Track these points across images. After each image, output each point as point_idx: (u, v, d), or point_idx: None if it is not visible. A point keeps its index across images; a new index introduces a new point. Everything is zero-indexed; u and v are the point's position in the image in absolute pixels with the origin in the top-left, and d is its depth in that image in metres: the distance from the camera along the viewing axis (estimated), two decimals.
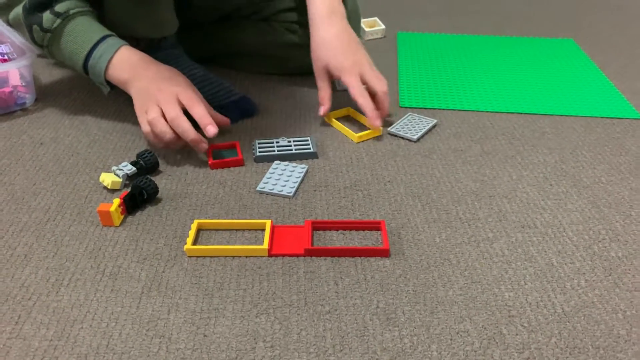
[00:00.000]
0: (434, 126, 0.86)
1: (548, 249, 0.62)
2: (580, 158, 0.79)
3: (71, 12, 0.76)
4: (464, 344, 0.51)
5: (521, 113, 0.91)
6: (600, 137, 0.84)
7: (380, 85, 0.81)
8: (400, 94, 0.96)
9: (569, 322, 0.53)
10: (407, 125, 0.86)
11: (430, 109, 0.92)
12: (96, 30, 0.77)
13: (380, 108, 0.82)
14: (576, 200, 0.70)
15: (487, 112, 0.91)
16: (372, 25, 1.24)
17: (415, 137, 0.82)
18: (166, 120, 0.72)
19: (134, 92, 0.76)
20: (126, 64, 0.76)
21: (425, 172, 0.75)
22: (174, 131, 0.72)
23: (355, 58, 0.80)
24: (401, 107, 0.92)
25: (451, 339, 0.51)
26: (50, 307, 0.54)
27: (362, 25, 1.22)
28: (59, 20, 0.75)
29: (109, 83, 0.78)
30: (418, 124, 0.86)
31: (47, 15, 0.75)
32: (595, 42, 1.20)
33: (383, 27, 1.23)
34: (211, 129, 0.72)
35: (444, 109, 0.92)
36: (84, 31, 0.77)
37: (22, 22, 0.77)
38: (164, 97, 0.72)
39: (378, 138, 0.83)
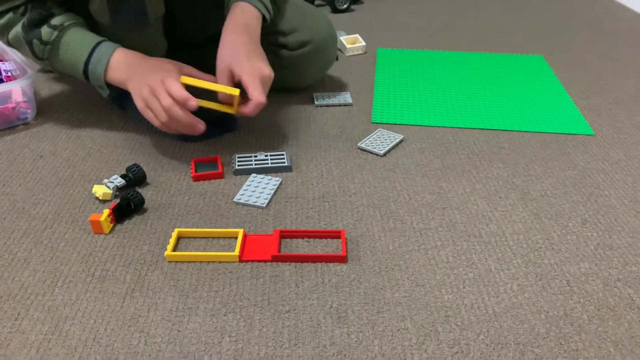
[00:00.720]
0: (400, 141, 0.94)
1: (489, 257, 0.70)
2: (531, 172, 0.86)
3: (66, 24, 0.84)
4: (403, 340, 0.58)
5: (483, 129, 0.98)
6: (552, 153, 0.91)
7: (261, 97, 0.82)
8: (374, 110, 1.04)
9: (497, 321, 0.61)
10: (376, 140, 0.93)
11: (400, 124, 1.00)
12: (90, 37, 0.85)
13: (248, 111, 0.82)
14: (521, 212, 0.78)
15: (452, 127, 0.99)
16: (354, 42, 1.32)
17: (382, 152, 0.90)
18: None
19: (131, 88, 0.82)
20: (123, 65, 0.84)
21: (388, 185, 0.83)
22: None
23: (258, 65, 0.83)
24: (373, 122, 1.00)
25: (392, 335, 0.59)
26: (45, 306, 0.62)
27: (344, 41, 1.30)
28: (56, 33, 0.83)
29: (109, 86, 0.86)
30: (386, 140, 0.93)
31: (45, 29, 0.83)
32: (564, 59, 1.27)
33: (364, 43, 1.30)
34: (192, 103, 0.78)
35: (412, 125, 1.00)
36: (79, 40, 0.85)
37: (22, 39, 0.85)
38: (156, 89, 0.78)
39: (349, 153, 0.90)
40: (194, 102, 0.78)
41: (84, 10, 0.85)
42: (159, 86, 0.78)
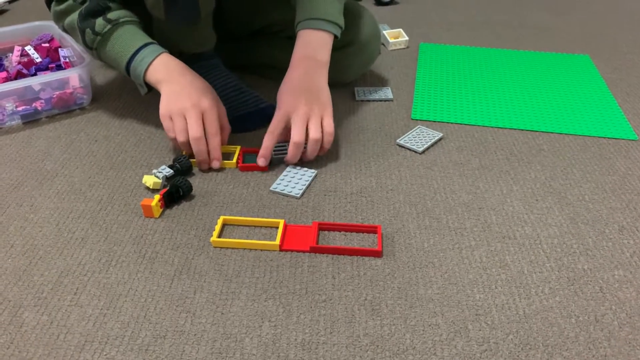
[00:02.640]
0: (439, 139, 0.95)
1: (522, 259, 0.71)
2: (570, 176, 0.86)
3: (121, 20, 0.88)
4: (434, 335, 0.61)
5: (523, 130, 0.99)
6: (593, 156, 0.91)
7: (313, 133, 0.84)
8: (414, 106, 1.05)
9: (527, 322, 0.62)
10: (415, 137, 0.95)
11: (439, 122, 1.01)
12: (140, 37, 0.89)
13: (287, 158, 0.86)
14: (557, 215, 0.78)
15: (492, 127, 0.99)
16: (397, 36, 1.33)
17: (421, 150, 0.92)
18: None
19: (165, 92, 0.85)
20: (163, 67, 0.87)
21: (425, 182, 0.85)
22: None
23: (307, 104, 0.84)
24: (413, 119, 1.02)
25: (423, 330, 0.61)
26: (101, 283, 0.67)
27: (387, 35, 1.31)
28: (109, 26, 0.87)
29: (147, 85, 0.89)
30: (425, 137, 0.95)
31: (99, 21, 0.87)
32: (611, 59, 1.25)
33: (406, 38, 1.31)
34: (216, 164, 0.85)
35: (451, 123, 1.01)
36: (129, 37, 0.88)
37: (76, 27, 0.90)
38: (191, 114, 0.83)
39: (387, 149, 0.92)
40: (218, 163, 0.85)
41: (141, 4, 0.89)
42: (196, 113, 0.83)
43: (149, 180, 0.82)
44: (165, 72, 0.87)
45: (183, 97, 0.84)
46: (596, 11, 1.55)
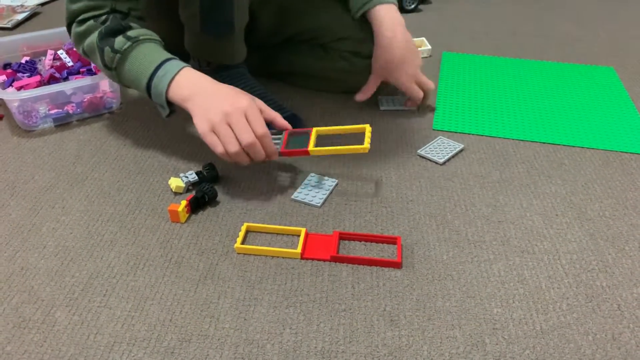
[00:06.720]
0: (460, 151, 0.96)
1: (540, 274, 0.72)
2: (591, 191, 0.87)
3: (141, 37, 0.85)
4: (450, 347, 0.62)
5: (544, 143, 0.99)
6: (614, 172, 0.91)
7: (428, 84, 1.04)
8: (435, 116, 1.06)
9: (543, 338, 0.63)
10: (436, 148, 0.96)
11: (460, 133, 1.02)
12: (160, 53, 0.84)
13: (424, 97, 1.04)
14: (576, 231, 0.79)
15: (513, 139, 1.00)
16: (420, 45, 1.34)
17: (442, 161, 0.93)
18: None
19: (194, 109, 0.78)
20: (187, 82, 0.80)
21: (445, 194, 0.86)
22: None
23: (409, 63, 0.99)
24: (434, 130, 1.03)
25: (441, 342, 0.63)
26: (129, 285, 0.70)
27: None
28: (129, 43, 0.84)
29: (169, 105, 0.83)
30: (446, 148, 0.96)
31: (119, 39, 0.83)
32: (636, 72, 1.24)
33: (429, 47, 1.32)
34: (275, 157, 0.81)
35: (473, 134, 1.01)
36: (149, 54, 0.83)
37: (95, 47, 0.85)
38: (234, 118, 0.76)
39: (408, 159, 0.94)
40: (276, 156, 0.81)
41: (174, 19, 0.92)
42: (239, 116, 0.76)
43: (174, 182, 0.84)
44: (189, 87, 0.80)
45: (217, 102, 0.77)
46: (621, 23, 1.54)
